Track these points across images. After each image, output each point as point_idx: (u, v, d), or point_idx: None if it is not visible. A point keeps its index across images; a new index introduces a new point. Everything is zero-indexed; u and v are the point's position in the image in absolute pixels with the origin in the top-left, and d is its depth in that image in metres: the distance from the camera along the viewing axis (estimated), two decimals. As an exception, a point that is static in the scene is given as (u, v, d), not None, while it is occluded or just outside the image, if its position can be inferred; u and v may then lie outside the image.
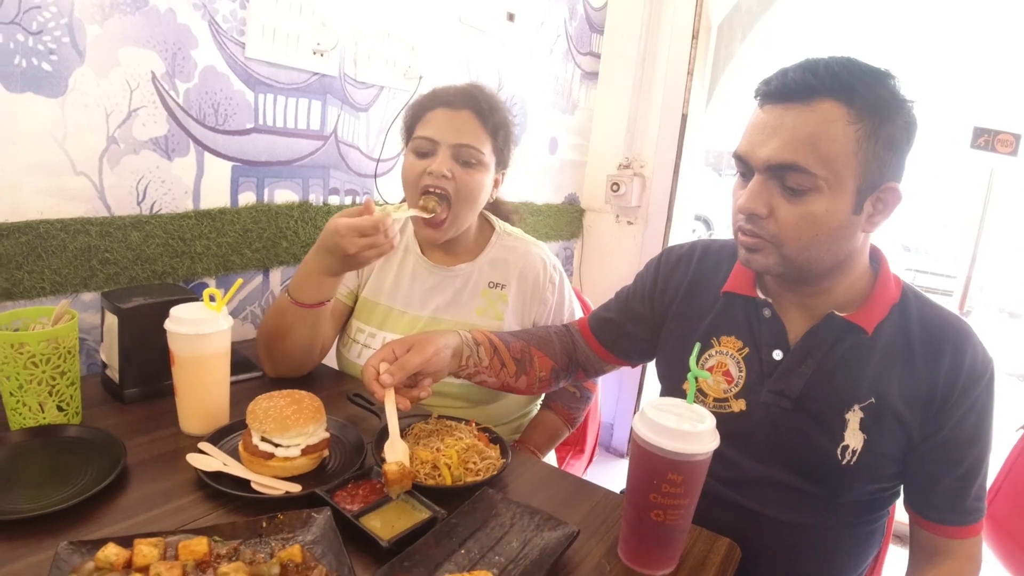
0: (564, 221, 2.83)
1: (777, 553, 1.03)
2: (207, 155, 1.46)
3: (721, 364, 1.06)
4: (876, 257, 1.04)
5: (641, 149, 2.84)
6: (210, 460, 0.93)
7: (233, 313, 1.59)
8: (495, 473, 0.96)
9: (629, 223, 2.92)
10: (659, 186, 2.81)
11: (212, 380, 1.04)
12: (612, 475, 2.88)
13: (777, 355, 1.02)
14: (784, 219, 0.90)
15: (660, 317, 1.18)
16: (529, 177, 2.58)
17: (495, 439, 1.06)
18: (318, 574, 0.72)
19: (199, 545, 0.73)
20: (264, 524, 0.79)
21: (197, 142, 1.43)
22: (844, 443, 0.96)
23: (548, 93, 2.56)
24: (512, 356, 1.16)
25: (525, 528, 0.86)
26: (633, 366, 1.32)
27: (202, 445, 0.96)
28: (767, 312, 1.04)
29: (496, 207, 1.54)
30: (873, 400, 0.96)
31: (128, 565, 0.70)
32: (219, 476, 0.90)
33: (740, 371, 1.04)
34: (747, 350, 1.04)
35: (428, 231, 1.28)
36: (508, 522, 0.87)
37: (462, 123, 1.26)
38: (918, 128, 0.90)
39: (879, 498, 1.04)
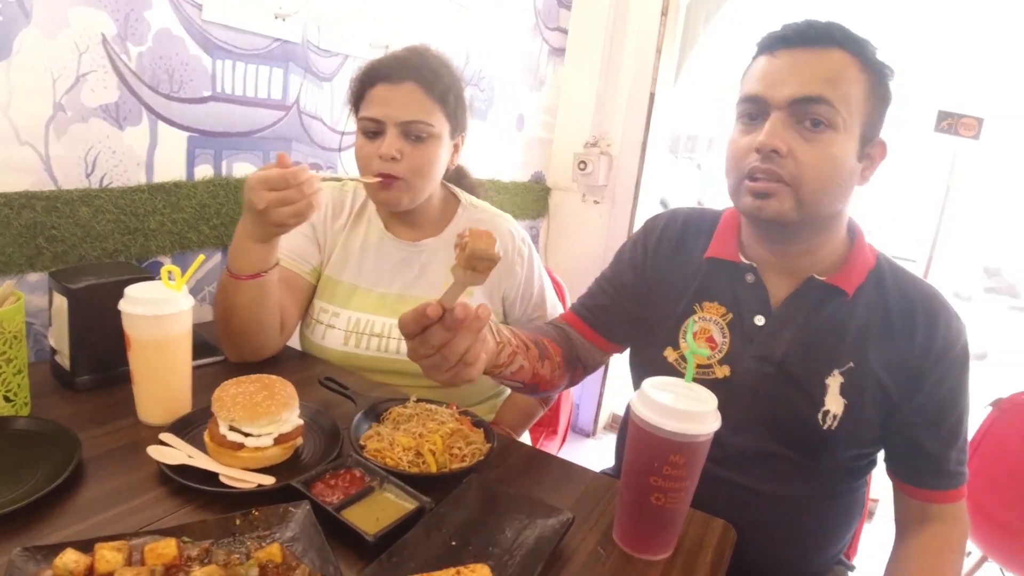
0: (530, 199, 2.77)
1: (762, 528, 1.02)
2: (161, 124, 1.37)
3: (705, 330, 1.05)
4: (851, 226, 1.06)
5: (609, 127, 2.80)
6: (173, 452, 0.86)
7: (192, 293, 1.49)
8: (481, 459, 0.91)
9: (596, 202, 2.89)
10: (626, 165, 2.78)
11: (173, 365, 0.96)
12: (582, 455, 2.86)
13: (759, 321, 1.02)
14: (804, 158, 0.91)
15: (653, 288, 1.14)
16: (496, 154, 2.52)
17: (478, 423, 1.01)
18: (301, 574, 0.66)
19: (167, 547, 0.66)
20: (238, 521, 0.73)
21: (150, 110, 1.34)
22: (825, 408, 0.97)
23: (516, 69, 2.49)
24: (530, 340, 1.02)
25: (518, 516, 0.81)
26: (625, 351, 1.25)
27: (164, 436, 0.89)
28: (750, 277, 1.04)
29: (460, 179, 1.48)
30: (852, 364, 0.97)
31: (90, 572, 0.64)
32: (184, 469, 0.83)
33: (724, 337, 1.04)
34: (730, 316, 1.04)
35: (383, 195, 1.23)
36: (500, 510, 0.82)
37: (406, 97, 1.20)
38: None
39: (859, 465, 1.05)
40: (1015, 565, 1.74)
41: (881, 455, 1.07)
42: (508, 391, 1.53)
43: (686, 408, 0.72)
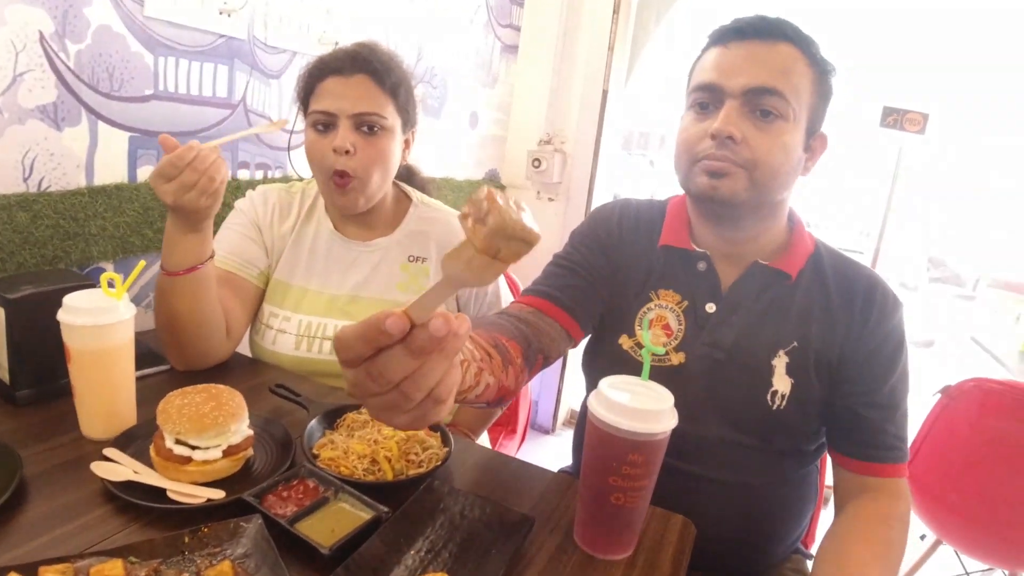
0: (486, 197, 2.75)
1: (718, 517, 1.02)
2: (101, 124, 1.32)
3: (661, 317, 1.06)
4: (791, 215, 1.10)
5: (563, 125, 2.80)
6: (118, 468, 0.82)
7: (135, 300, 1.45)
8: (439, 464, 0.90)
9: (550, 199, 2.89)
10: (580, 162, 2.79)
11: (115, 377, 0.92)
12: (543, 453, 2.87)
13: (710, 308, 1.05)
14: (757, 145, 0.93)
15: (616, 273, 1.11)
16: (450, 152, 2.50)
17: (434, 426, 1.00)
18: (253, 591, 0.64)
19: (114, 569, 0.64)
20: (186, 539, 0.70)
21: (90, 110, 1.29)
22: (773, 388, 1.00)
23: (469, 66, 2.47)
24: (490, 344, 0.86)
25: (477, 521, 0.80)
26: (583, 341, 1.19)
27: (108, 451, 0.85)
28: (702, 265, 1.06)
29: (411, 178, 1.46)
30: (796, 344, 1.00)
31: (32, 597, 0.61)
32: (130, 486, 0.80)
33: (679, 324, 1.05)
34: (685, 303, 1.06)
35: (340, 199, 1.21)
36: (458, 515, 0.81)
37: (357, 89, 1.18)
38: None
39: (810, 448, 1.07)
40: (968, 547, 1.79)
41: None
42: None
43: (643, 407, 0.72)
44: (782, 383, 0.99)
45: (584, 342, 1.17)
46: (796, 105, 0.94)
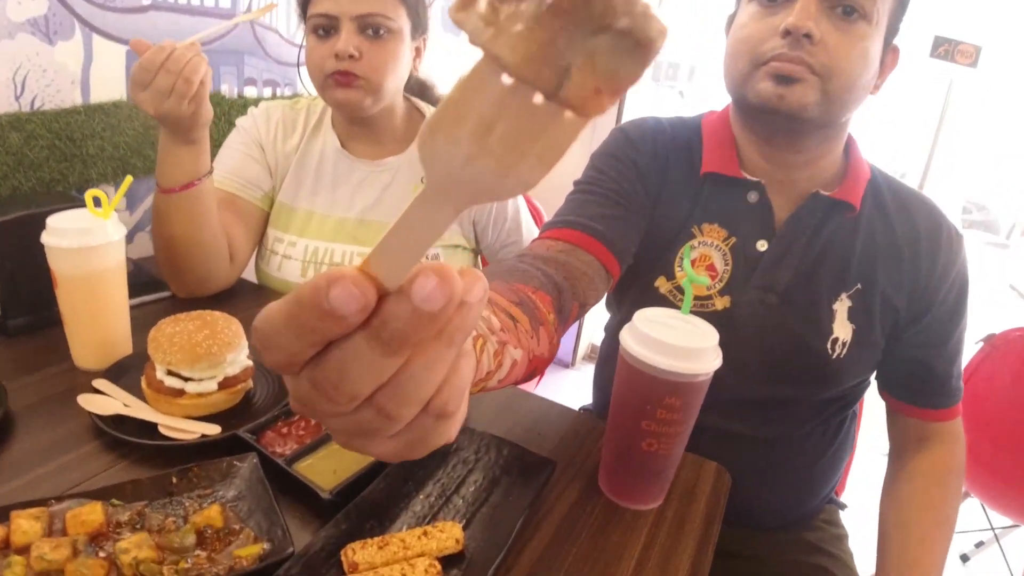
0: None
1: (751, 471, 0.95)
2: (96, 38, 1.23)
3: (705, 256, 0.93)
4: (848, 139, 0.97)
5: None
6: (108, 401, 0.77)
7: (137, 226, 1.38)
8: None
9: (577, 128, 2.75)
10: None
11: (105, 303, 0.86)
12: (562, 389, 2.82)
13: (761, 246, 0.92)
14: (836, 47, 0.80)
15: (655, 204, 0.97)
16: (465, 66, 2.36)
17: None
18: (244, 539, 0.58)
19: (92, 513, 0.58)
20: (174, 480, 0.64)
21: (84, 23, 1.20)
22: (834, 336, 0.90)
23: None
24: (512, 302, 0.65)
25: (493, 463, 0.73)
26: None
27: (98, 383, 0.80)
28: (753, 196, 0.92)
29: (424, 93, 1.35)
30: (860, 286, 0.91)
31: (6, 544, 0.55)
32: (120, 420, 0.74)
33: (725, 264, 0.92)
34: (732, 240, 0.93)
35: (341, 94, 1.09)
36: (472, 457, 0.74)
37: None
38: None
39: (855, 393, 1.00)
40: (997, 502, 1.73)
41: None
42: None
43: (685, 344, 0.63)
44: (843, 330, 0.89)
45: None
46: (880, 4, 0.80)
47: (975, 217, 6.87)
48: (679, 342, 0.63)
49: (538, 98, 0.22)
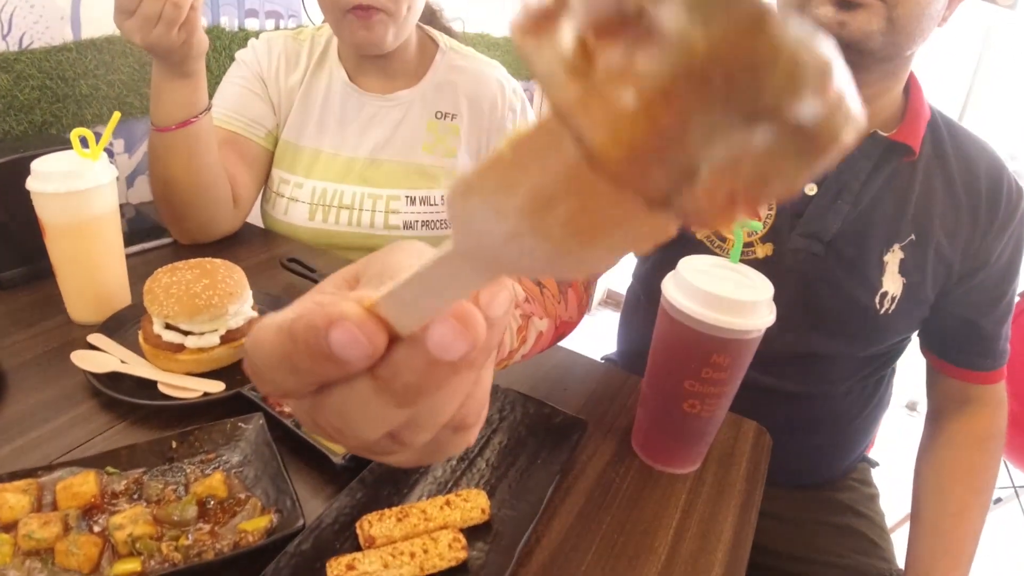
0: (525, 60, 2.50)
1: (787, 427, 0.89)
2: (85, -33, 1.13)
3: None
4: (909, 77, 0.89)
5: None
6: (103, 357, 0.71)
7: (137, 170, 1.31)
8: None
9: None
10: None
11: (98, 252, 0.79)
12: (580, 336, 2.76)
13: (810, 190, 0.85)
14: None
15: None
16: (487, 3, 2.23)
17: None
18: (251, 510, 0.53)
19: (84, 484, 0.53)
20: (174, 445, 0.59)
21: (73, -49, 1.10)
22: (883, 290, 0.84)
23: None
24: None
25: (519, 423, 0.68)
26: None
27: (93, 338, 0.74)
28: None
29: (433, 19, 1.25)
30: (914, 237, 0.84)
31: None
32: (117, 378, 0.69)
33: (769, 208, 0.85)
34: None
35: (363, 34, 1.00)
36: (496, 416, 0.68)
37: None
38: None
39: (897, 348, 0.95)
40: (1021, 459, 1.67)
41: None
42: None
43: (736, 296, 0.56)
44: (893, 284, 0.83)
45: None
46: None
47: (1017, 165, 6.69)
48: (730, 294, 0.56)
49: (619, 200, 0.15)
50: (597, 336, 2.76)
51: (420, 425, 0.24)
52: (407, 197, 1.10)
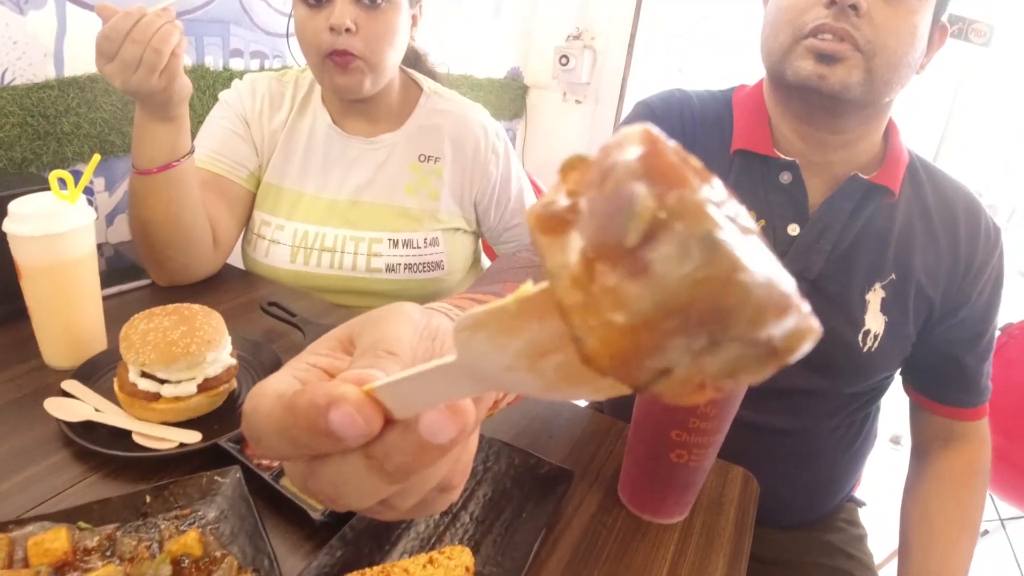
0: (506, 99, 2.53)
1: (773, 466, 0.90)
2: (70, 7, 1.14)
3: None
4: (888, 122, 0.91)
5: (594, 19, 2.54)
6: (77, 405, 0.69)
7: (117, 208, 1.30)
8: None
9: (577, 101, 2.66)
10: (612, 61, 2.54)
11: (75, 295, 0.78)
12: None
13: (793, 230, 0.86)
14: (883, 22, 0.74)
15: None
16: (469, 46, 2.26)
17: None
18: (227, 568, 0.51)
19: (56, 540, 0.51)
20: (148, 499, 0.57)
21: (58, -11, 1.11)
22: (865, 328, 0.85)
23: (490, -54, 2.21)
24: None
25: (503, 475, 0.66)
26: None
27: (67, 384, 0.72)
28: (786, 177, 0.86)
29: (416, 63, 1.26)
30: (895, 276, 0.86)
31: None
32: (90, 427, 0.67)
33: None
34: (762, 222, 0.87)
35: (341, 80, 1.01)
36: (480, 467, 0.67)
37: None
38: None
39: (883, 387, 0.96)
40: (1007, 493, 1.68)
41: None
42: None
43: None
44: (876, 322, 0.85)
45: None
46: None
47: (984, 201, 6.85)
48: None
49: (595, 376, 0.18)
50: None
51: (409, 493, 0.26)
52: (390, 240, 1.10)
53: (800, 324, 0.16)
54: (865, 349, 0.85)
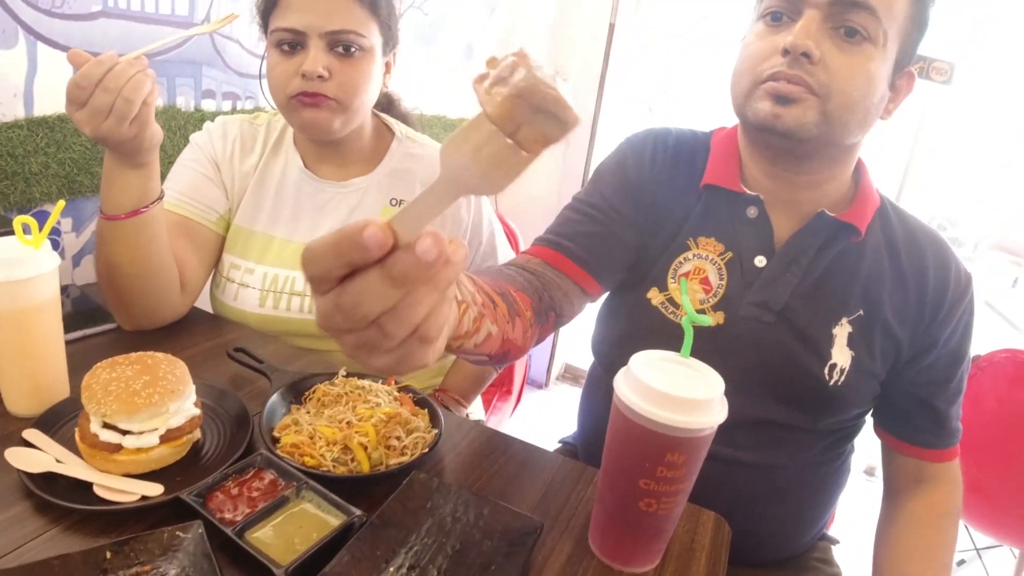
0: (482, 139, 2.55)
1: (745, 503, 0.91)
2: (41, 46, 1.14)
3: (699, 270, 0.91)
4: (857, 164, 0.95)
5: (565, 61, 2.58)
6: (38, 456, 0.68)
7: (84, 249, 1.28)
8: (425, 450, 0.75)
9: (550, 141, 2.69)
10: (583, 103, 2.58)
11: (37, 342, 0.76)
12: (536, 411, 2.74)
13: (760, 261, 0.89)
14: (837, 68, 0.78)
15: (648, 216, 0.95)
16: (442, 87, 2.29)
17: (420, 400, 0.85)
18: (185, 629, 0.50)
19: (7, 599, 0.49)
20: (108, 555, 0.56)
21: (28, 29, 1.11)
22: (832, 361, 0.87)
23: (464, -9, 2.25)
24: (495, 292, 0.71)
25: (472, 526, 0.66)
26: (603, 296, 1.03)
27: (28, 434, 0.70)
28: (753, 211, 0.90)
29: (391, 107, 1.28)
30: (862, 312, 0.88)
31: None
32: (51, 478, 0.66)
33: (720, 279, 0.90)
34: (729, 254, 0.90)
35: (310, 114, 1.01)
36: (449, 518, 0.66)
37: (331, 2, 0.99)
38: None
39: (855, 425, 0.98)
40: (983, 523, 1.70)
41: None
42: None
43: (688, 395, 0.56)
44: (842, 356, 0.86)
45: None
46: (888, 27, 0.78)
47: (949, 234, 7.01)
48: (681, 392, 0.56)
49: (508, 140, 0.34)
50: (555, 412, 2.75)
51: (401, 318, 0.36)
52: None
53: (573, 113, 0.34)
54: (832, 383, 0.87)
